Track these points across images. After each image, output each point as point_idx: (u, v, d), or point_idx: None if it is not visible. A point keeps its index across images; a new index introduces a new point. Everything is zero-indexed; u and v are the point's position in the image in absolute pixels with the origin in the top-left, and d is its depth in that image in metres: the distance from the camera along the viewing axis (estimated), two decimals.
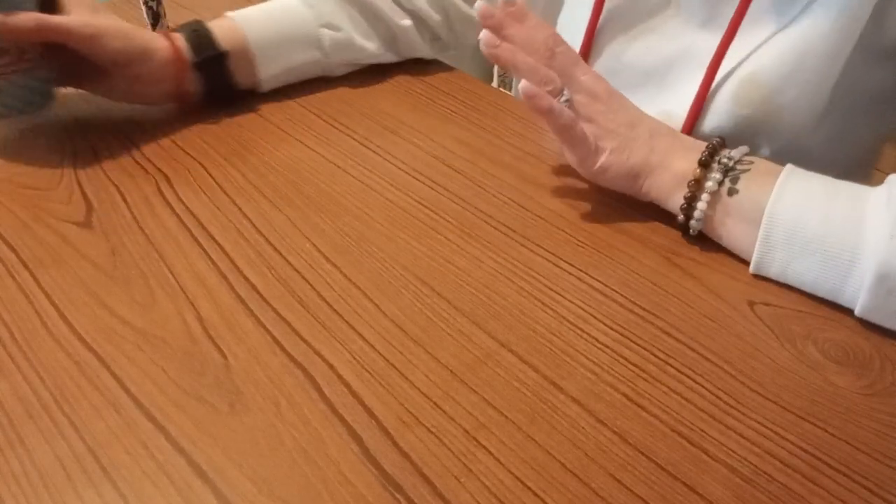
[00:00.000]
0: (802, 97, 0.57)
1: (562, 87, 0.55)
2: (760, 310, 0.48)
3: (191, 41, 0.64)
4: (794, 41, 0.56)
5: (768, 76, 0.57)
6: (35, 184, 0.59)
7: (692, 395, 0.42)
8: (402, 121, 0.67)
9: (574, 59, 0.56)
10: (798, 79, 0.56)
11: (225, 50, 0.65)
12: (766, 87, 0.57)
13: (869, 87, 0.59)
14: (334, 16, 0.70)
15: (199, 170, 0.60)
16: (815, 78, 0.57)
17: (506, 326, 0.46)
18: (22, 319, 0.46)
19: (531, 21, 0.57)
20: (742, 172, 0.50)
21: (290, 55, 0.69)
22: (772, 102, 0.57)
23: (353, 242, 0.53)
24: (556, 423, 0.40)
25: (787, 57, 0.56)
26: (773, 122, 0.57)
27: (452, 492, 0.37)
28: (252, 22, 0.67)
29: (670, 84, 0.64)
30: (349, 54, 0.72)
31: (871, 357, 0.45)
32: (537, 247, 0.53)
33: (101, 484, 0.37)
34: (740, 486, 0.37)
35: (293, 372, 0.43)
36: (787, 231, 0.48)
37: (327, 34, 0.70)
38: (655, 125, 0.55)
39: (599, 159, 0.54)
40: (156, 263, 0.51)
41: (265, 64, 0.68)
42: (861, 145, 0.66)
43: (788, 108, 0.58)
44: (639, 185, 0.55)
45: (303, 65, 0.71)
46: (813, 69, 0.56)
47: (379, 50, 0.74)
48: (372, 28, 0.73)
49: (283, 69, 0.70)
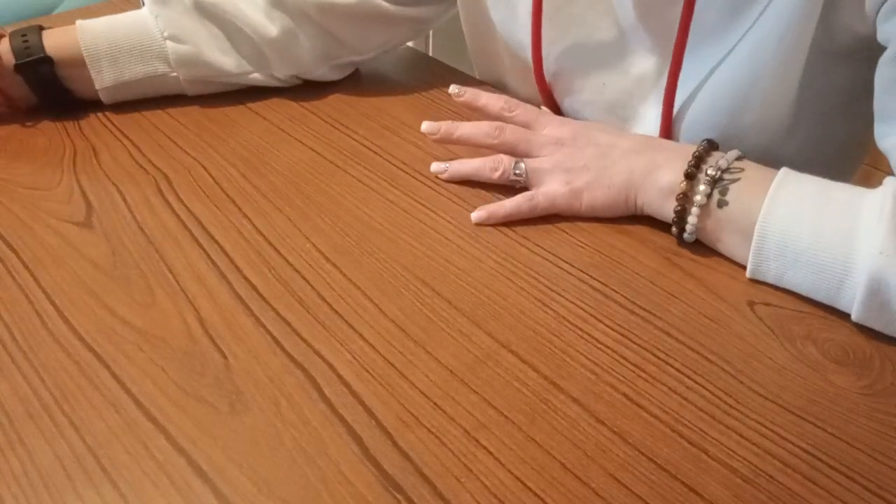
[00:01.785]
0: (764, 115, 0.57)
1: (511, 166, 0.57)
2: (760, 310, 0.48)
3: (14, 45, 0.63)
4: (743, 62, 0.55)
5: (726, 101, 0.57)
6: (35, 184, 0.59)
7: (692, 395, 0.42)
8: (402, 121, 0.67)
9: (531, 117, 0.59)
10: (755, 99, 0.56)
11: (48, 56, 0.63)
12: (726, 110, 0.57)
13: (835, 90, 0.59)
14: (182, 27, 0.65)
15: (199, 170, 0.60)
16: (772, 95, 0.56)
17: (506, 326, 0.46)
18: (22, 319, 0.46)
19: (482, 99, 0.60)
20: (732, 182, 0.50)
21: (129, 66, 0.66)
22: (734, 126, 0.57)
23: (353, 242, 0.53)
24: (556, 423, 0.40)
25: (739, 79, 0.56)
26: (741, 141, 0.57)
27: (452, 492, 0.37)
28: (90, 30, 0.65)
29: (633, 116, 0.63)
30: (199, 70, 0.67)
31: (871, 357, 0.45)
32: (537, 247, 0.53)
33: (101, 484, 0.37)
34: (740, 486, 0.38)
35: (293, 372, 0.43)
36: (778, 243, 0.47)
37: (171, 46, 0.65)
38: (630, 144, 0.55)
39: (582, 200, 0.55)
40: (156, 263, 0.51)
41: (99, 72, 0.65)
42: (840, 145, 0.65)
43: (753, 127, 0.57)
44: (631, 205, 0.55)
45: (146, 78, 0.66)
46: (768, 87, 0.56)
47: (240, 68, 0.68)
48: (231, 42, 0.67)
49: (122, 80, 0.66)
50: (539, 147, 0.57)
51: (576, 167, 0.55)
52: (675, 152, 0.53)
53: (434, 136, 0.60)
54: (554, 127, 0.58)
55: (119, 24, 0.66)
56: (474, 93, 0.61)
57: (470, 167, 0.59)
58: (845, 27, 0.53)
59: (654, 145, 0.55)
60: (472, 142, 0.59)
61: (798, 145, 0.60)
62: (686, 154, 0.52)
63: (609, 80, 0.64)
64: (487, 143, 0.58)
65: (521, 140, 0.58)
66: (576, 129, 0.58)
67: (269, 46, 0.67)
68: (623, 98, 0.63)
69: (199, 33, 0.66)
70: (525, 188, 0.57)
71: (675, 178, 0.51)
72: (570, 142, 0.57)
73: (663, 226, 0.54)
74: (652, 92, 0.61)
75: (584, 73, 0.65)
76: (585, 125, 0.59)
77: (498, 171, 0.57)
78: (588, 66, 0.64)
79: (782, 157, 0.54)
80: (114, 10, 0.68)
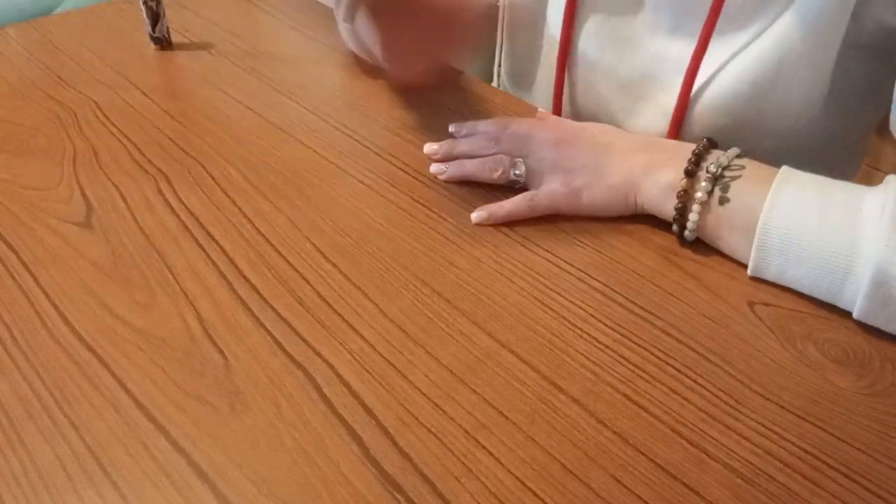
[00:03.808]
0: (785, 103, 0.57)
1: (510, 166, 0.57)
2: (760, 310, 0.48)
3: None
4: (770, 48, 0.56)
5: (748, 85, 0.57)
6: (35, 184, 0.59)
7: (692, 395, 0.42)
8: (402, 121, 0.67)
9: (527, 127, 0.59)
10: (778, 86, 0.56)
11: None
12: (746, 95, 0.58)
13: (858, 84, 0.59)
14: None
15: (199, 170, 0.60)
16: (796, 83, 0.57)
17: (506, 326, 0.46)
18: (22, 319, 0.46)
19: (480, 127, 0.62)
20: (733, 180, 0.50)
21: None
22: (752, 110, 0.57)
23: (353, 242, 0.53)
24: (556, 423, 0.40)
25: (765, 64, 0.57)
26: (756, 129, 0.57)
27: (452, 492, 0.37)
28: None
29: (646, 95, 0.64)
30: None
31: (871, 357, 0.45)
32: (537, 247, 0.53)
33: (101, 484, 0.37)
34: (740, 487, 0.37)
35: (293, 372, 0.43)
36: (781, 240, 0.47)
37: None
38: (629, 143, 0.55)
39: (582, 200, 0.55)
40: (156, 263, 0.51)
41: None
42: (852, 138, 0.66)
43: (770, 115, 0.58)
44: (631, 204, 0.55)
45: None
46: (793, 75, 0.56)
47: None
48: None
49: None
50: (538, 149, 0.57)
51: (575, 167, 0.55)
52: (674, 151, 0.54)
53: (435, 156, 0.61)
54: (548, 132, 0.58)
55: None
56: (471, 124, 0.63)
57: (470, 167, 0.59)
58: (877, 20, 0.53)
59: (652, 144, 0.55)
60: (473, 156, 0.60)
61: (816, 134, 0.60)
62: (685, 152, 0.52)
63: (626, 57, 0.64)
64: (487, 154, 0.59)
65: (519, 145, 0.58)
66: (574, 129, 0.58)
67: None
68: (639, 76, 0.64)
69: None
70: (525, 188, 0.57)
71: (676, 176, 0.52)
72: (567, 144, 0.57)
73: (663, 225, 0.54)
74: (669, 72, 0.62)
75: (602, 49, 0.65)
76: (583, 126, 0.59)
77: (498, 171, 0.57)
78: (608, 42, 0.65)
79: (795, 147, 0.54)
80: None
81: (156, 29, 0.79)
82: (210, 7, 0.91)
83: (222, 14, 0.89)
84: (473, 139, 0.61)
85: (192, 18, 0.87)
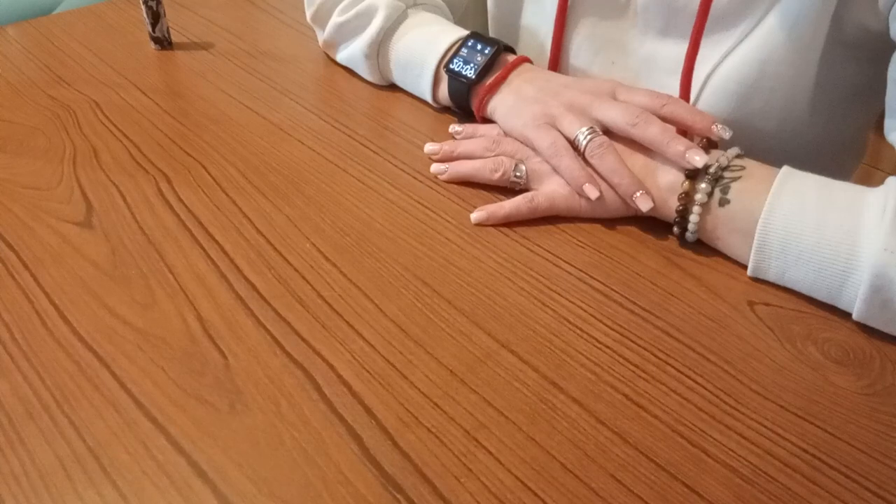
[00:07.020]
0: (770, 103, 0.58)
1: (511, 167, 0.57)
2: (760, 310, 0.48)
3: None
4: (755, 49, 0.57)
5: (735, 85, 0.58)
6: (35, 184, 0.59)
7: (692, 395, 0.42)
8: (402, 121, 0.67)
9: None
10: (762, 86, 0.57)
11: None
12: (735, 95, 0.58)
13: (848, 84, 0.60)
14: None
15: (199, 170, 0.60)
16: (782, 83, 0.57)
17: (506, 326, 0.46)
18: (22, 319, 0.46)
19: (481, 129, 0.62)
20: (733, 181, 0.50)
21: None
22: (740, 111, 0.58)
23: (353, 242, 0.53)
24: (556, 423, 0.40)
25: (750, 65, 0.57)
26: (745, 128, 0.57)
27: (452, 492, 0.37)
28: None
29: None
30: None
31: (871, 357, 0.45)
32: (537, 247, 0.53)
33: (101, 484, 0.37)
34: (740, 486, 0.37)
35: (293, 372, 0.43)
36: (781, 241, 0.47)
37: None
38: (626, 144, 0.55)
39: (582, 200, 0.55)
40: (156, 263, 0.51)
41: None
42: (845, 139, 0.66)
43: (758, 115, 0.58)
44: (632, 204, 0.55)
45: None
46: (779, 73, 0.57)
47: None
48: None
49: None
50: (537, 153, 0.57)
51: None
52: None
53: (435, 156, 0.61)
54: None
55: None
56: (472, 127, 0.63)
57: (470, 168, 0.59)
58: (857, 23, 0.53)
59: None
60: (473, 157, 0.60)
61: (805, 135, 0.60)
62: None
63: (618, 59, 0.65)
64: (487, 156, 0.59)
65: (520, 147, 0.58)
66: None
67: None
68: (630, 78, 0.64)
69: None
70: (525, 190, 0.57)
71: (676, 178, 0.52)
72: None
73: (663, 226, 0.54)
74: (662, 73, 0.62)
75: (595, 52, 0.66)
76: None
77: (498, 172, 0.57)
78: (600, 45, 0.65)
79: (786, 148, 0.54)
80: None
81: (156, 29, 0.79)
82: (210, 7, 0.91)
83: (222, 14, 0.89)
84: (474, 140, 0.61)
85: (192, 18, 0.88)
